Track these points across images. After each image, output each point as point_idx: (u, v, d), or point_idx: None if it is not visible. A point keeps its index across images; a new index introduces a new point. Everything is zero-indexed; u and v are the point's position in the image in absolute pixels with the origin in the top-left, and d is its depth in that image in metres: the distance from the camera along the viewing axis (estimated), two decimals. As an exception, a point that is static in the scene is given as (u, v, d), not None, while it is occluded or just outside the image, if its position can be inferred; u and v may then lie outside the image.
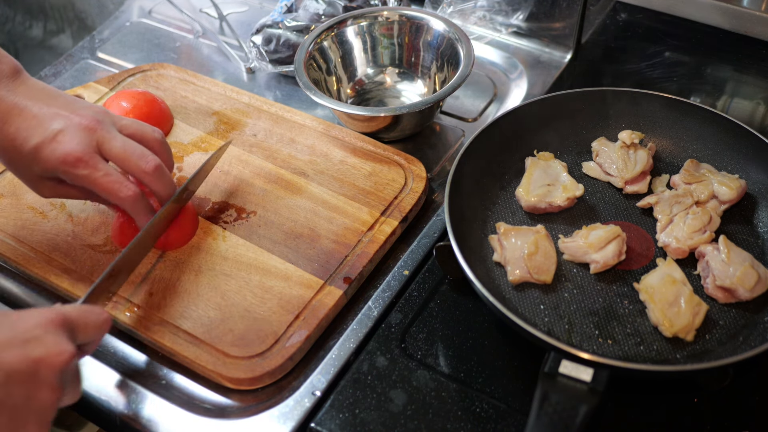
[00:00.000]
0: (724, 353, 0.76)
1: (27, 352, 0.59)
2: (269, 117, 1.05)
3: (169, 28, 1.29)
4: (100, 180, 0.79)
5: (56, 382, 0.61)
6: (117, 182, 0.79)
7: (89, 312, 0.68)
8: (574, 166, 0.96)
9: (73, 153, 0.78)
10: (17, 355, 0.59)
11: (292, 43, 1.12)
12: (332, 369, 0.80)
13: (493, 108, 1.12)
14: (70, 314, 0.65)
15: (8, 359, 0.58)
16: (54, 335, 0.62)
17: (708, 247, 0.83)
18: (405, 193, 0.94)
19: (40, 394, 0.60)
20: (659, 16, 1.22)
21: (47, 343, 0.61)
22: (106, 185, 0.79)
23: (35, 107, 0.80)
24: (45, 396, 0.60)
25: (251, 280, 0.86)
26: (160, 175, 0.82)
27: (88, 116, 0.81)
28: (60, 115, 0.80)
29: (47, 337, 0.61)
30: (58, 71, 1.21)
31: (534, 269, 0.82)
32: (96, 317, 0.68)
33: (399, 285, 0.88)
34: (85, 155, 0.78)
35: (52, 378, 0.60)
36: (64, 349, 0.62)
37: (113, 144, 0.80)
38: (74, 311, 0.66)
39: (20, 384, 0.58)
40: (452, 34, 1.06)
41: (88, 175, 0.78)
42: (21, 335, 0.60)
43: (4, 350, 0.59)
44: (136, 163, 0.81)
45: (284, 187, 0.96)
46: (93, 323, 0.68)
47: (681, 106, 0.95)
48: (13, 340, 0.60)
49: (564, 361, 0.71)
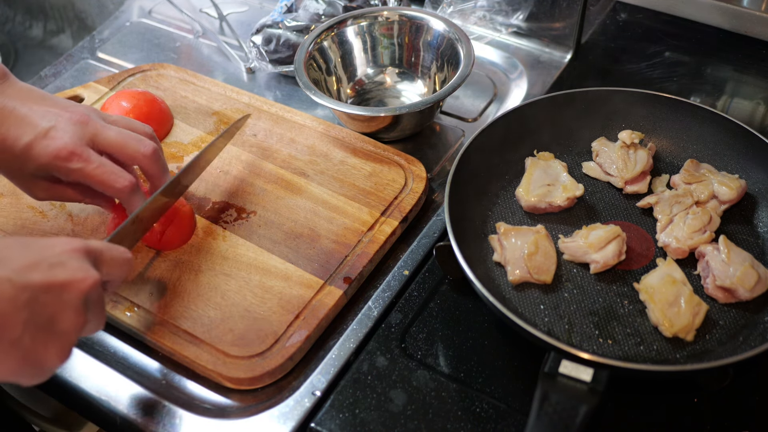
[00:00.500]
0: (724, 353, 0.76)
1: (53, 274, 0.61)
2: (269, 117, 1.05)
3: (169, 28, 1.29)
4: (95, 172, 0.79)
5: (80, 306, 0.62)
6: (112, 173, 0.80)
7: (113, 248, 0.69)
8: (574, 166, 0.96)
9: (66, 147, 0.78)
10: (43, 276, 0.60)
11: (292, 43, 1.12)
12: (332, 369, 0.80)
13: (493, 108, 1.12)
14: (96, 246, 0.67)
15: (34, 280, 0.60)
16: (79, 261, 0.64)
17: (708, 247, 0.83)
18: (405, 194, 0.94)
19: (63, 316, 0.61)
20: (659, 16, 1.22)
21: (72, 267, 0.62)
22: (100, 177, 0.79)
23: (24, 108, 0.80)
24: (68, 318, 0.61)
25: (251, 280, 0.86)
26: (158, 159, 0.83)
27: (78, 111, 0.81)
28: (50, 113, 0.80)
29: (72, 262, 0.63)
30: (58, 71, 1.21)
31: (534, 269, 0.82)
32: (119, 253, 0.70)
33: (399, 285, 0.88)
34: (77, 149, 0.78)
35: (76, 301, 0.62)
36: (89, 274, 0.63)
37: (108, 133, 0.81)
38: (99, 244, 0.68)
39: (45, 305, 0.60)
40: (452, 34, 1.06)
41: (81, 168, 0.79)
42: (48, 259, 0.62)
43: (30, 272, 0.60)
44: (135, 147, 0.81)
45: (284, 187, 0.96)
46: (117, 258, 0.69)
47: (681, 106, 0.95)
48: (40, 263, 0.61)
49: (564, 361, 0.71)
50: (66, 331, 0.62)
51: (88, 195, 0.85)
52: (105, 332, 0.85)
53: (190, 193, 0.96)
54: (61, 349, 0.62)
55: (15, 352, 0.59)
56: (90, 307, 0.64)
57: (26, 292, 0.59)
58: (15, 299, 0.58)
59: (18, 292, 0.59)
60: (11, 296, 0.58)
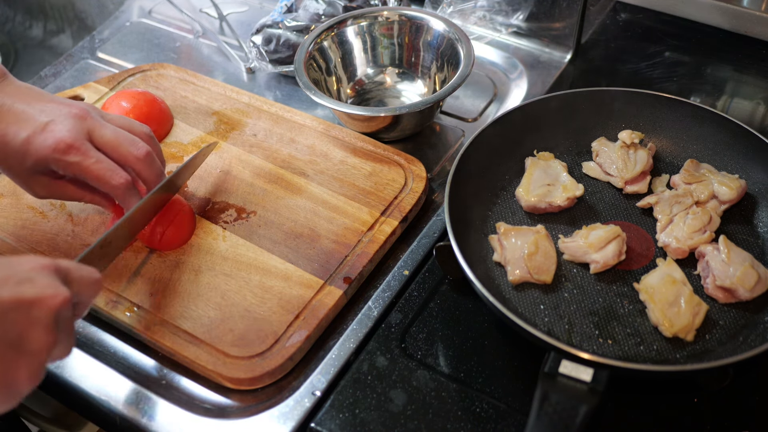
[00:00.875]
0: (724, 353, 0.76)
1: (21, 290, 0.59)
2: (269, 117, 1.05)
3: (169, 28, 1.29)
4: (92, 167, 0.79)
5: (50, 324, 0.60)
6: (109, 169, 0.80)
7: (83, 267, 0.67)
8: (574, 166, 0.96)
9: (64, 140, 0.78)
10: (11, 293, 0.58)
11: (292, 43, 1.12)
12: (332, 369, 0.80)
13: (493, 108, 1.12)
14: (64, 265, 0.65)
15: (2, 296, 0.58)
16: (48, 278, 0.61)
17: (708, 247, 0.83)
18: (405, 193, 0.94)
19: (33, 335, 0.59)
20: (659, 16, 1.22)
21: (42, 284, 0.60)
22: (97, 172, 0.79)
23: (22, 104, 0.80)
24: (38, 337, 0.59)
25: (251, 280, 0.86)
26: (151, 162, 0.83)
27: (76, 106, 0.82)
28: (48, 108, 0.81)
29: (42, 278, 0.61)
30: (58, 71, 1.21)
31: (534, 269, 0.82)
32: (89, 273, 0.67)
33: (399, 285, 0.88)
34: (76, 142, 0.79)
35: (45, 318, 0.59)
36: (59, 291, 0.61)
37: (104, 131, 0.81)
38: (68, 263, 0.66)
39: (13, 322, 0.58)
40: (452, 34, 1.06)
41: (79, 162, 0.79)
42: (16, 276, 0.60)
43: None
44: (128, 149, 0.81)
45: (284, 187, 0.96)
46: (86, 278, 0.66)
47: (681, 106, 0.95)
48: (7, 280, 0.59)
49: (564, 361, 0.71)
50: (36, 350, 0.59)
51: (88, 193, 0.85)
52: (105, 332, 0.85)
53: (190, 193, 0.96)
54: (32, 371, 0.59)
55: None
56: (60, 326, 0.61)
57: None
58: None
59: None
60: None
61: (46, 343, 0.59)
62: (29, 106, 0.80)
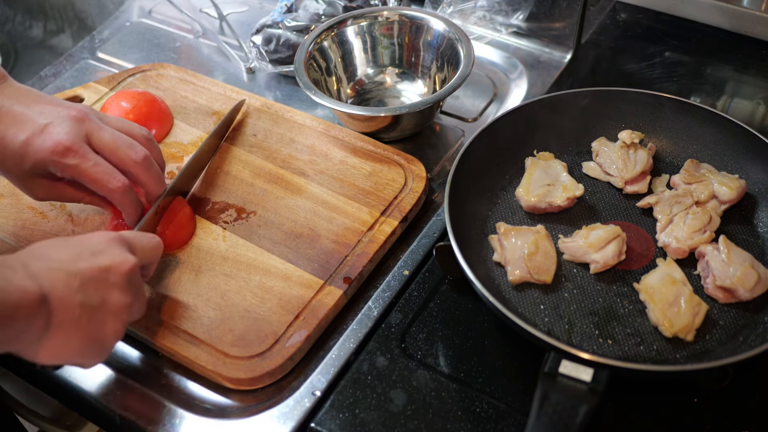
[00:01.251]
0: (724, 353, 0.76)
1: (97, 261, 0.69)
2: (269, 117, 1.05)
3: (169, 28, 1.29)
4: (90, 170, 0.80)
5: (125, 286, 0.70)
6: (106, 173, 0.80)
7: (143, 235, 0.78)
8: (574, 166, 0.96)
9: (62, 142, 0.79)
10: (89, 263, 0.68)
11: (292, 43, 1.12)
12: (332, 369, 0.80)
13: (493, 108, 1.12)
14: (128, 235, 0.75)
15: (82, 267, 0.68)
16: (117, 248, 0.72)
17: (708, 247, 0.83)
18: (405, 193, 0.94)
19: (112, 296, 0.69)
20: (659, 16, 1.22)
21: (112, 253, 0.71)
22: (95, 175, 0.80)
23: (21, 107, 0.81)
24: (117, 297, 0.69)
25: (251, 280, 0.86)
26: (149, 166, 0.83)
27: (75, 109, 0.82)
28: (47, 110, 0.81)
29: (111, 249, 0.71)
30: (58, 71, 1.21)
31: (534, 269, 0.82)
32: (149, 240, 0.78)
33: (399, 285, 0.88)
34: (74, 144, 0.79)
35: (120, 281, 0.70)
36: (128, 258, 0.71)
37: (102, 134, 0.81)
38: (130, 234, 0.76)
39: (94, 288, 0.68)
40: (452, 34, 1.06)
41: (77, 164, 0.79)
42: (89, 249, 0.70)
43: (78, 261, 0.68)
44: (126, 153, 0.82)
45: (284, 187, 0.96)
46: (148, 244, 0.77)
47: (681, 106, 0.95)
48: (83, 253, 0.69)
49: (564, 361, 0.71)
50: (117, 309, 0.69)
51: (87, 194, 0.85)
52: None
53: (190, 193, 0.96)
54: (116, 326, 0.70)
55: (78, 332, 0.67)
56: (132, 288, 0.71)
57: (77, 278, 0.67)
58: (69, 285, 0.66)
59: (70, 279, 0.66)
60: (66, 283, 0.66)
61: (124, 302, 0.70)
62: (28, 108, 0.81)
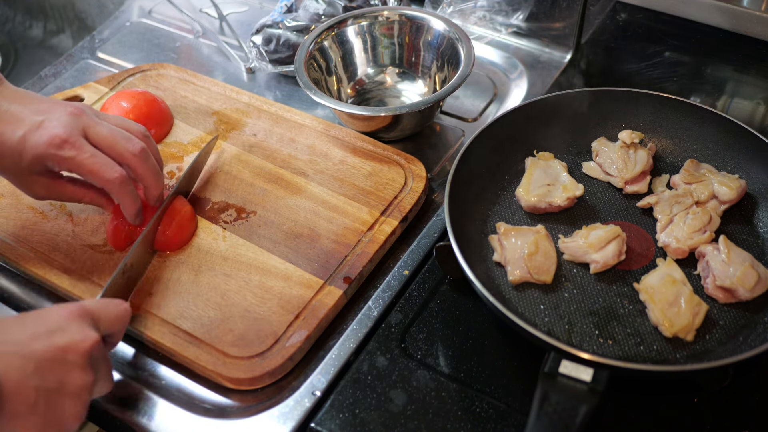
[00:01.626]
0: (724, 353, 0.76)
1: (53, 340, 0.65)
2: (269, 117, 1.05)
3: (169, 28, 1.29)
4: (87, 161, 0.80)
5: (85, 365, 0.66)
6: (104, 164, 0.81)
7: (109, 303, 0.74)
8: (574, 166, 0.96)
9: (59, 135, 0.79)
10: (45, 344, 0.64)
11: (292, 43, 1.12)
12: (332, 369, 0.80)
13: (493, 108, 1.12)
14: (91, 306, 0.71)
15: (38, 348, 0.64)
16: (77, 324, 0.68)
17: (708, 247, 0.83)
18: (405, 193, 0.94)
19: (71, 377, 0.65)
20: (659, 16, 1.22)
21: (71, 331, 0.66)
22: (92, 167, 0.80)
23: (18, 106, 0.81)
24: (76, 377, 0.65)
25: (251, 280, 0.86)
26: (146, 158, 0.84)
27: (71, 105, 0.83)
28: (43, 108, 0.82)
29: (71, 326, 0.67)
30: (58, 71, 1.21)
31: (534, 269, 0.82)
32: (115, 307, 0.74)
33: (399, 285, 0.88)
34: (71, 137, 0.80)
35: (79, 361, 0.66)
36: (88, 335, 0.67)
37: (99, 129, 0.82)
38: (94, 304, 0.72)
39: (51, 370, 0.64)
40: (452, 34, 1.06)
41: (74, 156, 0.79)
42: (47, 327, 0.66)
43: (33, 342, 0.64)
44: (123, 146, 0.82)
45: (284, 187, 0.96)
46: (113, 313, 0.73)
47: (681, 106, 0.95)
48: (40, 333, 0.65)
49: (564, 361, 0.71)
50: (77, 391, 0.65)
51: (87, 192, 0.85)
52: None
53: (190, 193, 0.96)
54: (76, 409, 0.66)
55: (34, 417, 0.63)
56: (95, 365, 0.68)
57: (32, 362, 0.63)
58: (23, 368, 0.62)
59: (25, 362, 0.63)
60: (19, 366, 0.62)
61: (84, 382, 0.66)
62: (25, 107, 0.81)
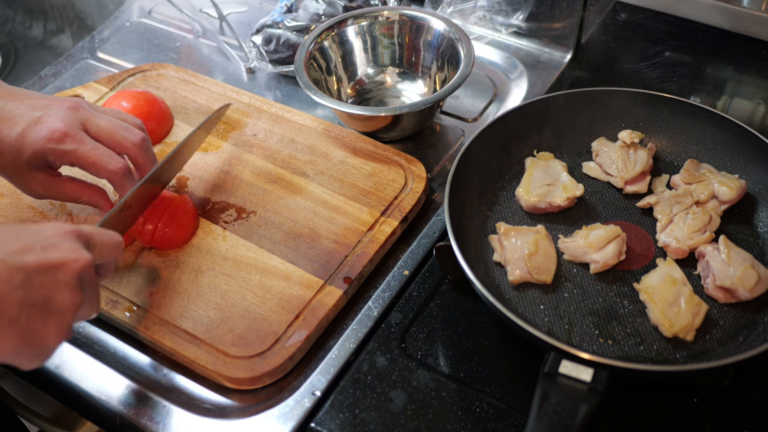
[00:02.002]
0: (724, 353, 0.76)
1: (46, 255, 0.63)
2: (269, 117, 1.05)
3: (169, 28, 1.29)
4: (89, 153, 0.80)
5: (75, 285, 0.64)
6: (105, 155, 0.81)
7: (103, 232, 0.72)
8: (574, 166, 0.96)
9: (59, 129, 0.79)
10: (37, 258, 0.63)
11: (292, 43, 1.12)
12: (332, 369, 0.80)
13: (493, 108, 1.12)
14: (86, 229, 0.69)
15: (28, 261, 0.62)
16: (71, 243, 0.66)
17: (708, 247, 0.83)
18: (405, 193, 0.94)
19: (59, 295, 0.63)
20: (659, 16, 1.22)
21: (64, 248, 0.65)
22: (94, 158, 0.80)
23: (14, 104, 0.82)
24: (64, 296, 0.63)
25: (251, 280, 0.86)
26: (147, 148, 0.84)
27: (68, 100, 0.83)
28: (40, 104, 0.82)
29: (65, 243, 0.65)
30: (58, 71, 1.21)
31: (534, 269, 0.82)
32: (110, 237, 0.71)
33: (399, 285, 0.88)
34: (71, 130, 0.80)
35: (70, 280, 0.64)
36: (81, 255, 0.65)
37: (98, 120, 0.82)
38: (90, 228, 0.70)
39: (39, 285, 0.62)
40: (452, 34, 1.06)
41: (75, 149, 0.80)
42: (40, 242, 0.64)
43: (24, 254, 0.62)
44: (123, 135, 0.82)
45: (284, 187, 0.96)
46: (107, 241, 0.71)
47: (681, 106, 0.95)
48: (33, 246, 0.63)
49: (564, 361, 0.71)
50: (62, 309, 0.63)
51: (86, 191, 0.85)
52: (105, 332, 0.85)
53: (190, 193, 0.96)
54: (59, 328, 0.64)
55: (14, 331, 0.61)
56: (84, 287, 0.66)
57: (21, 273, 0.61)
58: (10, 280, 0.60)
59: (13, 274, 0.61)
60: (6, 278, 0.60)
61: (71, 302, 0.64)
62: (21, 105, 0.82)
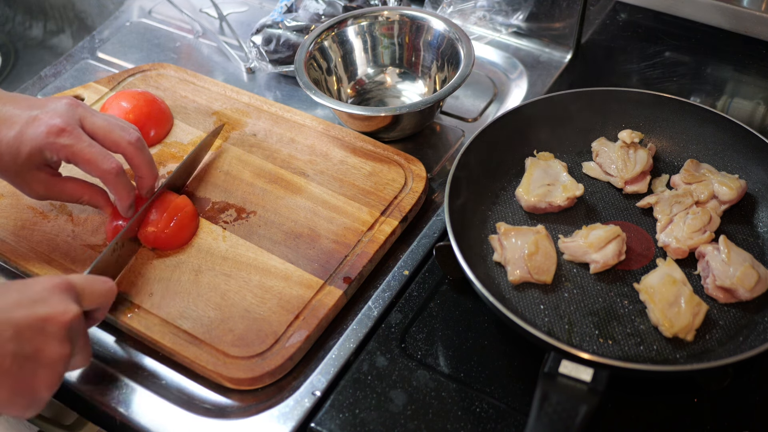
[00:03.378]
0: (724, 353, 0.76)
1: (34, 310, 0.66)
2: (269, 117, 1.05)
3: (169, 28, 1.29)
4: (85, 150, 0.81)
5: (63, 337, 0.67)
6: (100, 153, 0.82)
7: (94, 280, 0.74)
8: (574, 166, 0.96)
9: (57, 124, 0.80)
10: (25, 313, 0.66)
11: (292, 43, 1.12)
12: (332, 369, 0.80)
13: (493, 108, 1.12)
14: (76, 281, 0.72)
15: (17, 316, 0.65)
16: (59, 296, 0.69)
17: (708, 247, 0.83)
18: (405, 193, 0.94)
19: (48, 348, 0.66)
20: (659, 16, 1.22)
21: (53, 303, 0.67)
22: (89, 156, 0.81)
23: (9, 109, 0.82)
24: (53, 349, 0.66)
25: (251, 280, 0.86)
26: (142, 147, 0.85)
27: (65, 98, 0.84)
28: (37, 104, 0.83)
29: (53, 298, 0.68)
30: (58, 71, 1.21)
31: (534, 269, 0.82)
32: (101, 285, 0.74)
33: (399, 285, 0.88)
34: (68, 126, 0.81)
35: (58, 333, 0.67)
36: (69, 308, 0.68)
37: (95, 119, 0.83)
38: (80, 278, 0.73)
39: (29, 338, 0.65)
40: (452, 34, 1.06)
41: (72, 144, 0.80)
42: (29, 297, 0.67)
43: (14, 310, 0.66)
44: (119, 134, 0.83)
45: (284, 187, 0.96)
46: (98, 290, 0.74)
47: (681, 106, 0.95)
48: (22, 301, 0.67)
49: (564, 361, 0.71)
50: (52, 361, 0.66)
51: (85, 192, 0.86)
52: (105, 332, 0.85)
53: (189, 193, 0.96)
54: (50, 379, 0.67)
55: (6, 381, 0.64)
56: (73, 339, 0.69)
57: (11, 328, 0.64)
58: (2, 333, 0.64)
59: (4, 328, 0.64)
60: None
61: (60, 354, 0.67)
62: (17, 107, 0.82)
